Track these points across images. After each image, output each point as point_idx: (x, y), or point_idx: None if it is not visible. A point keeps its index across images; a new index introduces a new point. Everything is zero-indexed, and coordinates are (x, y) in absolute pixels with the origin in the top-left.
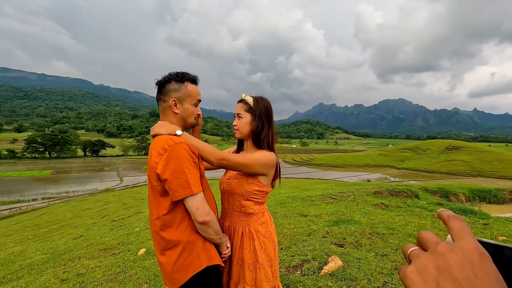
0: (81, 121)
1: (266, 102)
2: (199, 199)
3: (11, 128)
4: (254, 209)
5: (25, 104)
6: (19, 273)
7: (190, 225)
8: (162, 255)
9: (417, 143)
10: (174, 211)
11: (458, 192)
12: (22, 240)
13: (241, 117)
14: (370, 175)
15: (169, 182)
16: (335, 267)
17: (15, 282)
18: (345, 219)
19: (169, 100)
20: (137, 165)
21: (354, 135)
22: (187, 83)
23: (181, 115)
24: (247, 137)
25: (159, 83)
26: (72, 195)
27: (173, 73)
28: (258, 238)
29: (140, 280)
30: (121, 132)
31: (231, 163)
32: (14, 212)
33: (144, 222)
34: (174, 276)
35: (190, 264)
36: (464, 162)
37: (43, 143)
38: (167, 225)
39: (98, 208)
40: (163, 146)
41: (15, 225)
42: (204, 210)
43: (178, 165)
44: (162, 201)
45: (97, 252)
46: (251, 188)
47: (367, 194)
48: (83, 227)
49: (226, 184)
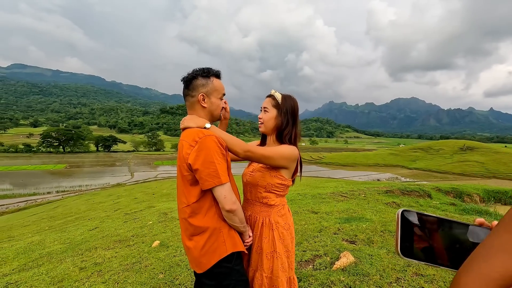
0: (94, 117)
1: (293, 101)
2: (227, 189)
3: (27, 123)
4: (275, 201)
5: (40, 99)
6: (39, 261)
7: (217, 213)
8: (190, 240)
9: (429, 143)
10: (203, 199)
11: (472, 192)
12: (39, 231)
13: (267, 111)
14: (380, 174)
15: (199, 172)
16: (347, 263)
17: (36, 270)
18: (356, 217)
19: (198, 95)
20: (148, 161)
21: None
22: (212, 78)
23: (209, 109)
24: (270, 131)
25: (186, 79)
26: (85, 189)
27: (198, 69)
28: (277, 229)
29: (156, 270)
30: (132, 128)
31: (256, 155)
32: (30, 204)
33: (157, 216)
34: (201, 260)
35: (217, 249)
36: (478, 163)
37: (58, 138)
38: (195, 212)
39: (111, 202)
40: (194, 138)
41: (31, 217)
42: (231, 199)
43: (208, 156)
44: (192, 189)
45: (113, 243)
46: (274, 181)
47: (378, 193)
48: (97, 219)
49: (249, 176)
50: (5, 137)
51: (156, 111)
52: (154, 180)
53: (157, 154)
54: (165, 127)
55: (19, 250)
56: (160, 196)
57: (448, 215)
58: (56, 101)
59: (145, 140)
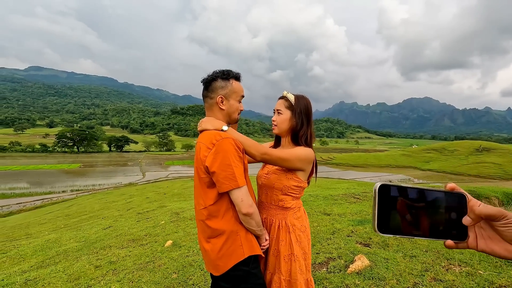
0: (107, 118)
1: (306, 101)
2: (243, 192)
3: (43, 123)
4: (291, 204)
5: (56, 100)
6: (56, 258)
7: (234, 216)
8: (207, 243)
9: (443, 143)
10: (220, 202)
11: (491, 195)
12: (55, 229)
13: (280, 113)
14: (392, 176)
15: (216, 175)
16: (362, 266)
17: (54, 267)
18: (370, 219)
19: (216, 97)
20: (159, 161)
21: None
22: (232, 80)
23: (227, 111)
24: (285, 133)
25: (206, 81)
26: (98, 188)
27: (218, 71)
28: (294, 232)
29: (169, 270)
30: (143, 128)
31: (273, 157)
32: (46, 203)
33: (169, 216)
34: (218, 263)
35: (234, 252)
36: (495, 165)
37: (72, 138)
38: (213, 215)
39: (123, 201)
40: (211, 141)
41: (47, 215)
42: (248, 202)
43: (225, 159)
44: (209, 192)
45: (126, 242)
46: (290, 183)
47: None
48: (111, 218)
49: (264, 178)
50: (22, 137)
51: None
52: (165, 180)
53: (167, 154)
54: (176, 128)
55: (37, 248)
56: (171, 196)
57: None
58: (71, 102)
59: (156, 140)
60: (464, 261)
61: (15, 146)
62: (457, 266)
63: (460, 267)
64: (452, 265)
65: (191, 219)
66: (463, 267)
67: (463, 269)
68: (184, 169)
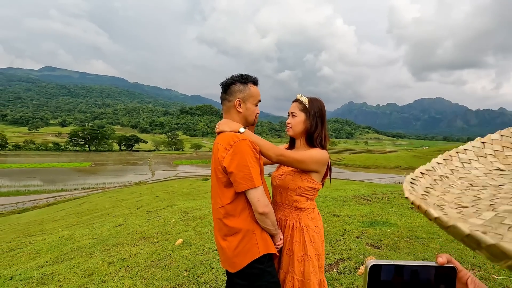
0: (117, 117)
1: (320, 103)
2: (260, 192)
3: (56, 122)
4: (305, 205)
5: (68, 100)
6: (70, 254)
7: (250, 215)
8: (224, 240)
9: (456, 145)
10: (237, 201)
11: None
12: (68, 226)
13: (295, 116)
14: (402, 178)
15: (234, 175)
16: None
17: (68, 263)
18: (380, 221)
19: (235, 100)
20: (168, 160)
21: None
22: (250, 85)
23: (244, 114)
24: (299, 135)
25: (225, 84)
26: (109, 186)
27: (237, 75)
28: (308, 232)
29: (180, 268)
30: (153, 128)
31: (288, 159)
32: (58, 200)
33: (178, 215)
34: (234, 260)
35: (249, 250)
36: None
37: (84, 137)
38: (229, 214)
39: (133, 200)
40: (229, 142)
41: (60, 212)
42: (264, 202)
43: (242, 160)
44: (226, 191)
45: (138, 240)
46: (304, 185)
47: (403, 197)
48: (122, 216)
49: (279, 179)
50: (36, 136)
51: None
52: (174, 179)
53: (176, 153)
54: (185, 127)
55: (52, 244)
56: (181, 195)
57: None
58: (83, 102)
59: (165, 140)
60: (478, 265)
61: (29, 145)
62: (470, 270)
63: (473, 271)
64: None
65: (200, 218)
66: (476, 270)
67: (477, 273)
68: (193, 168)
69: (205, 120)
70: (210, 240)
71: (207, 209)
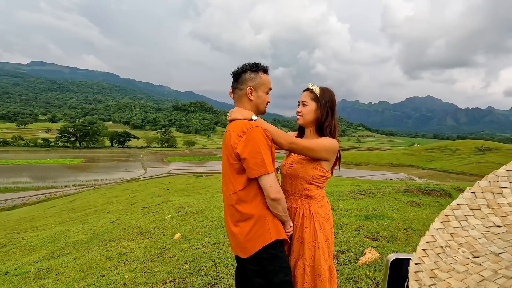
0: (109, 113)
1: (331, 93)
2: (272, 178)
3: (45, 118)
4: (315, 193)
5: (58, 96)
6: (66, 249)
7: (262, 201)
8: (236, 226)
9: (445, 143)
10: (249, 187)
11: None
12: (61, 222)
13: (306, 105)
14: (393, 174)
15: (247, 161)
16: (372, 258)
17: (64, 257)
18: (377, 215)
19: (246, 88)
20: (160, 157)
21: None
22: (261, 73)
23: (255, 102)
24: (309, 124)
25: (236, 73)
26: (100, 183)
27: (248, 64)
28: (318, 220)
29: (180, 261)
30: (145, 124)
31: (299, 146)
32: (49, 197)
33: (175, 210)
34: (246, 246)
35: (261, 236)
36: (497, 165)
37: (74, 133)
38: (242, 200)
39: (127, 196)
40: (242, 129)
41: (52, 209)
42: (276, 188)
43: (255, 146)
44: (238, 178)
45: (135, 235)
46: (314, 173)
47: (397, 191)
48: (116, 212)
49: (289, 168)
50: (25, 132)
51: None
52: (167, 176)
53: (169, 150)
54: (177, 124)
55: (46, 239)
56: (175, 191)
57: None
58: (73, 98)
59: (158, 136)
60: None
61: (17, 141)
62: None
63: None
64: None
65: (197, 213)
66: None
67: None
68: (186, 165)
69: (198, 117)
70: (208, 234)
71: (204, 205)
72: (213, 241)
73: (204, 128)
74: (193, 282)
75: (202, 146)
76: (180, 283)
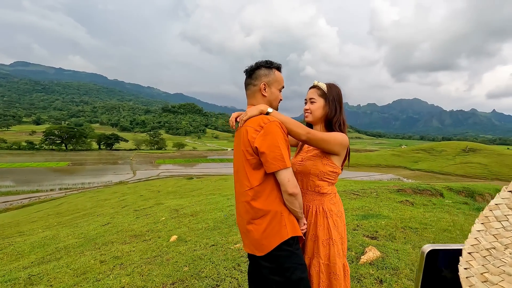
0: (96, 115)
1: (337, 89)
2: (290, 172)
3: (29, 120)
4: (327, 190)
5: (43, 97)
6: (56, 254)
7: (279, 197)
8: (250, 224)
9: (431, 144)
10: (265, 183)
11: (484, 192)
12: (48, 226)
13: (314, 102)
14: (382, 175)
15: (265, 155)
16: (373, 257)
17: (56, 262)
18: (373, 214)
19: (260, 84)
20: (150, 159)
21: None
22: (274, 70)
23: (269, 98)
24: (318, 121)
25: (250, 69)
26: (88, 186)
27: (262, 61)
28: (331, 217)
29: (179, 264)
30: (134, 126)
31: (316, 136)
32: (34, 201)
33: (168, 212)
34: (262, 243)
35: (278, 232)
36: (481, 165)
37: (60, 135)
38: (258, 196)
39: (117, 199)
40: (259, 123)
41: (37, 213)
42: (294, 182)
43: (274, 140)
44: (255, 173)
45: (129, 238)
46: (326, 169)
47: (390, 191)
48: (107, 215)
49: (299, 165)
50: (8, 134)
51: (158, 109)
52: (157, 179)
53: (159, 152)
54: (167, 126)
55: (34, 244)
56: (167, 193)
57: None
58: (59, 99)
59: (147, 138)
60: None
61: (0, 144)
62: None
63: None
64: None
65: (192, 215)
66: None
67: None
68: (176, 167)
69: (188, 119)
70: (205, 236)
71: (198, 207)
72: (211, 243)
73: (194, 130)
74: (194, 285)
75: (192, 148)
76: (180, 286)
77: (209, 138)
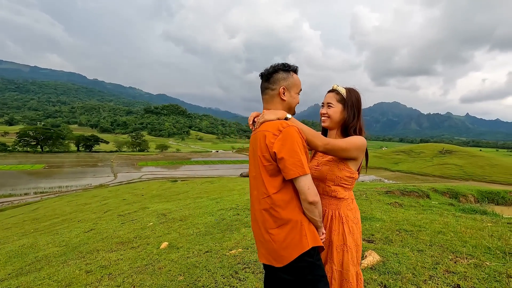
0: (74, 116)
1: (357, 94)
2: (310, 180)
3: (2, 121)
4: (344, 195)
5: (16, 96)
6: (36, 264)
7: (298, 205)
8: (268, 233)
9: (411, 146)
10: (284, 190)
11: (467, 193)
12: (25, 233)
13: (331, 107)
14: (364, 177)
15: (284, 161)
16: (374, 261)
17: (36, 274)
18: (367, 217)
19: (279, 88)
20: (131, 161)
21: None
22: (292, 73)
23: (288, 102)
24: (336, 126)
25: (267, 72)
26: (65, 190)
27: (279, 64)
28: (347, 223)
29: (173, 272)
30: (115, 127)
31: (335, 147)
32: (6, 206)
33: (155, 217)
34: (282, 254)
35: (299, 243)
36: (456, 166)
37: (35, 136)
38: (276, 204)
39: (98, 203)
40: (278, 128)
41: (11, 219)
42: (314, 191)
43: (293, 145)
44: (272, 180)
45: (115, 245)
46: (342, 174)
47: (379, 193)
48: (89, 221)
49: (315, 170)
50: None
51: (140, 110)
52: (139, 181)
53: (141, 154)
54: (150, 127)
55: (10, 254)
56: (151, 197)
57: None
58: (34, 99)
59: (129, 140)
60: (469, 254)
61: None
62: (464, 259)
63: (467, 260)
64: (459, 258)
65: (181, 220)
66: (469, 259)
67: (470, 261)
68: (159, 170)
69: (171, 120)
70: (198, 242)
71: (187, 211)
72: (204, 249)
73: (178, 131)
74: None
75: (175, 150)
76: None
77: (193, 140)
